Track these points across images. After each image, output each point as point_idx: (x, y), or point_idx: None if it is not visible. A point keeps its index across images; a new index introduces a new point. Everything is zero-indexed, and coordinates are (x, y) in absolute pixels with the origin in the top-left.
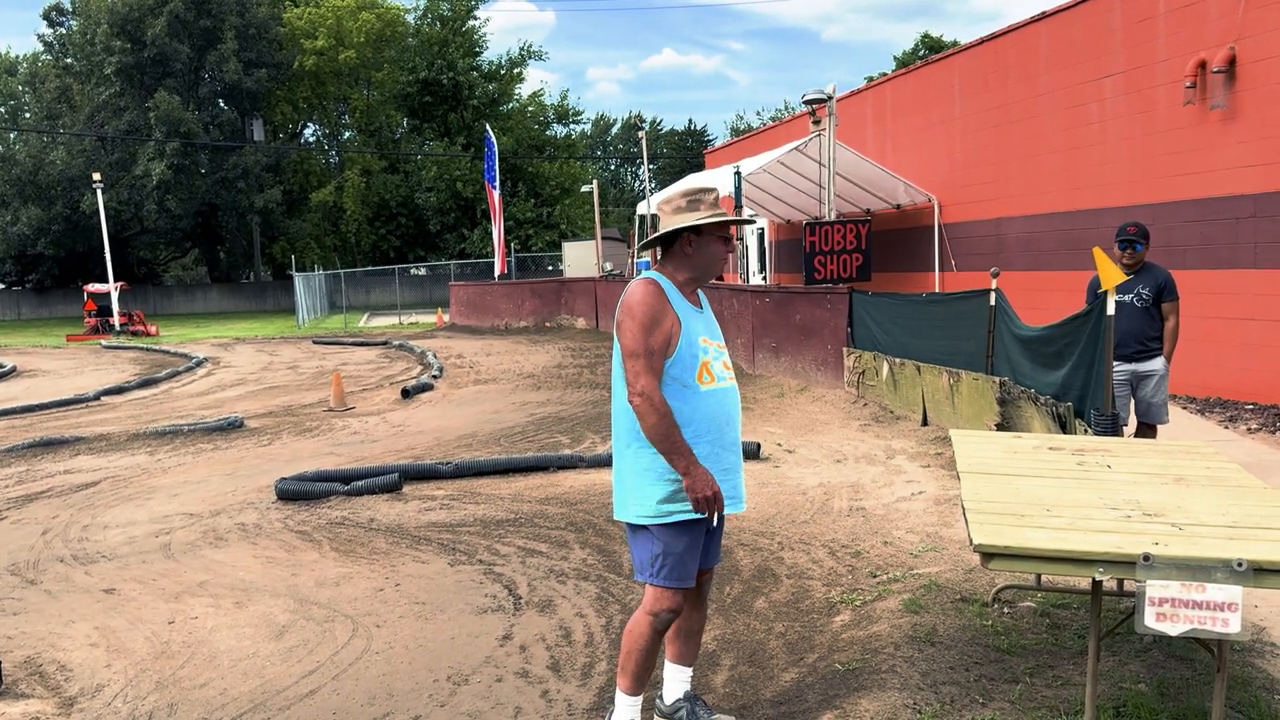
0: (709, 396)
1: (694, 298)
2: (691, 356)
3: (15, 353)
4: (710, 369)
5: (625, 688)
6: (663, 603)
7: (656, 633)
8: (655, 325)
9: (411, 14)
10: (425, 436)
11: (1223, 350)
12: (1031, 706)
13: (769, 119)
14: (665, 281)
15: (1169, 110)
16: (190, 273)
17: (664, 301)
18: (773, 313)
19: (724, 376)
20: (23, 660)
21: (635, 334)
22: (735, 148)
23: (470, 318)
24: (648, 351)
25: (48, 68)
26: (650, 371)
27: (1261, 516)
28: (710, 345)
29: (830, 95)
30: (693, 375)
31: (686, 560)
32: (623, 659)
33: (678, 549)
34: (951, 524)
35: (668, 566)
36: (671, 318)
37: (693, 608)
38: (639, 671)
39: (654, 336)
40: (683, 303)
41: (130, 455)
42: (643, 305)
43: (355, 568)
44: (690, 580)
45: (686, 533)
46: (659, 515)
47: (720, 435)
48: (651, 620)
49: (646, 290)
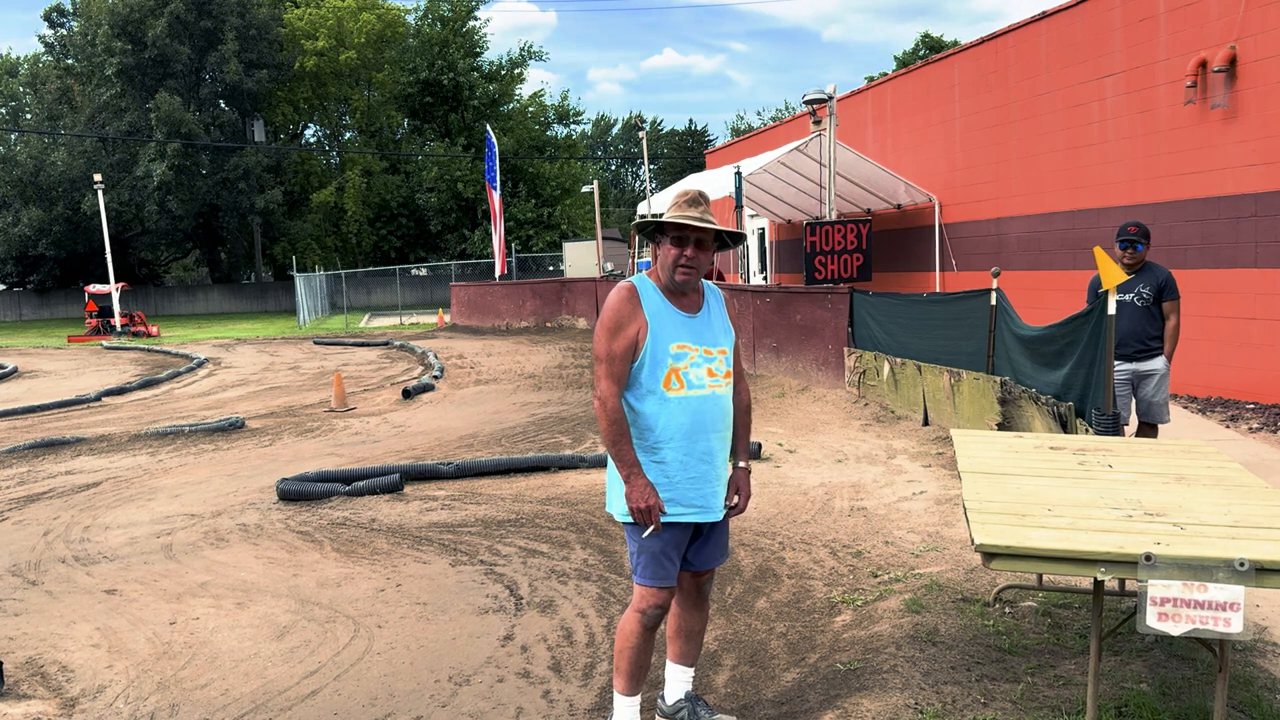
0: (677, 404)
1: (687, 301)
2: (657, 362)
3: (16, 353)
4: (682, 375)
5: (621, 687)
6: (646, 600)
7: (645, 630)
8: (619, 330)
9: (412, 14)
10: (426, 437)
11: (1224, 349)
12: (1033, 706)
13: (769, 119)
14: (646, 284)
15: (1170, 110)
16: (191, 273)
17: (633, 306)
18: (773, 313)
19: (702, 384)
20: (24, 661)
21: (599, 338)
22: (736, 148)
23: (471, 318)
24: (609, 356)
25: (49, 69)
26: (610, 376)
27: (1263, 516)
28: (692, 351)
29: (831, 95)
30: (658, 381)
31: (663, 559)
32: (616, 658)
33: (653, 548)
34: (953, 524)
35: (643, 564)
36: (639, 322)
37: (694, 608)
38: (632, 670)
39: (616, 341)
40: (662, 306)
41: (132, 456)
42: (608, 310)
43: (356, 568)
44: (669, 579)
45: (658, 537)
46: (627, 515)
47: (690, 444)
48: (639, 617)
49: (617, 294)
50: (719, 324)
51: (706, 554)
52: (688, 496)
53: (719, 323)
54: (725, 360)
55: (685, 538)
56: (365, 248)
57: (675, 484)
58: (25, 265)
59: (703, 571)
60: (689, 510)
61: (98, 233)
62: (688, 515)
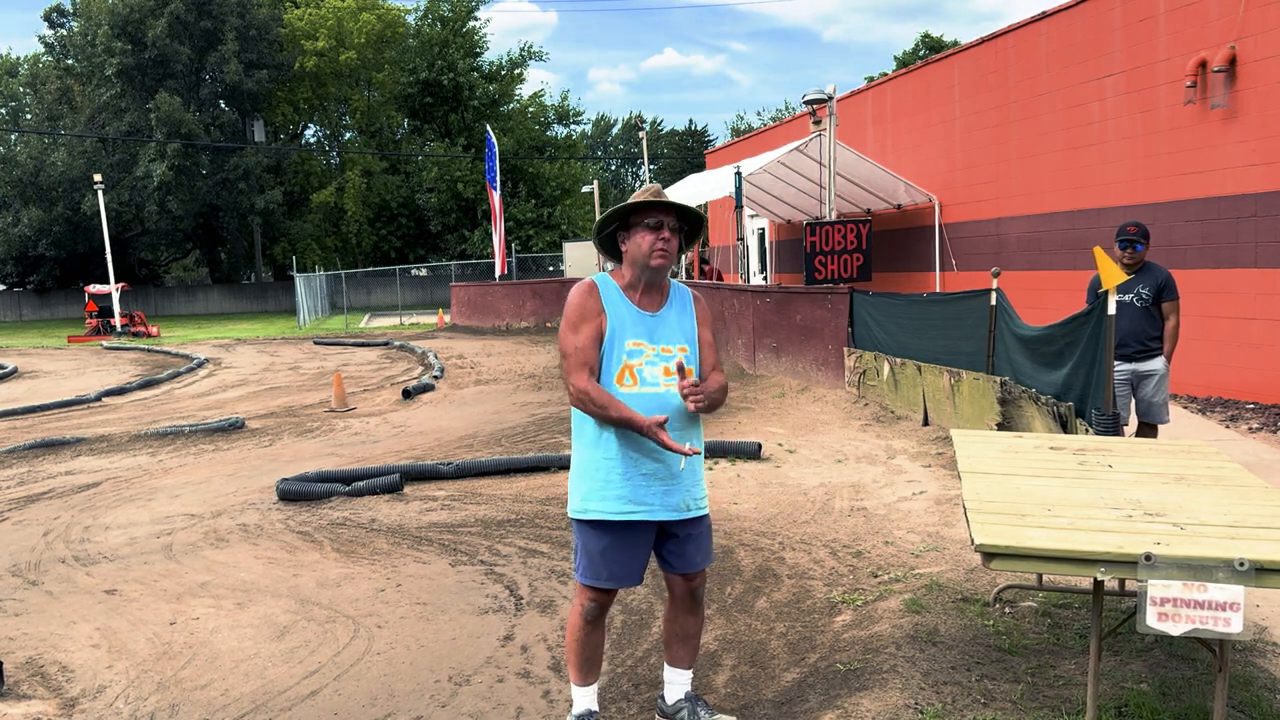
0: (628, 399)
1: (648, 299)
2: (613, 357)
3: (16, 354)
4: (636, 372)
5: (573, 678)
6: (583, 595)
7: (586, 623)
8: (582, 322)
9: (412, 15)
10: (426, 437)
11: (1224, 350)
12: (1033, 706)
13: (770, 119)
14: (606, 281)
15: (1170, 110)
16: (191, 274)
17: (593, 299)
18: (773, 313)
19: (656, 382)
20: (24, 661)
21: (564, 334)
22: (736, 148)
23: (471, 318)
24: (575, 349)
25: (49, 69)
26: (582, 366)
27: (1263, 516)
28: (648, 349)
29: (831, 95)
30: (612, 375)
31: (600, 561)
32: (566, 651)
33: (593, 547)
34: (953, 524)
35: (582, 562)
36: (601, 316)
37: (687, 612)
38: (578, 661)
39: (580, 333)
40: (621, 302)
41: (132, 456)
42: (570, 305)
43: (356, 568)
44: (603, 581)
45: (603, 534)
46: (577, 511)
47: (639, 441)
48: (579, 611)
49: (577, 289)
50: (680, 322)
51: (687, 556)
52: (639, 494)
53: (680, 321)
54: (686, 358)
55: (642, 539)
56: (365, 248)
57: (626, 480)
58: (25, 265)
59: (690, 575)
60: (640, 508)
61: (98, 233)
62: (639, 513)
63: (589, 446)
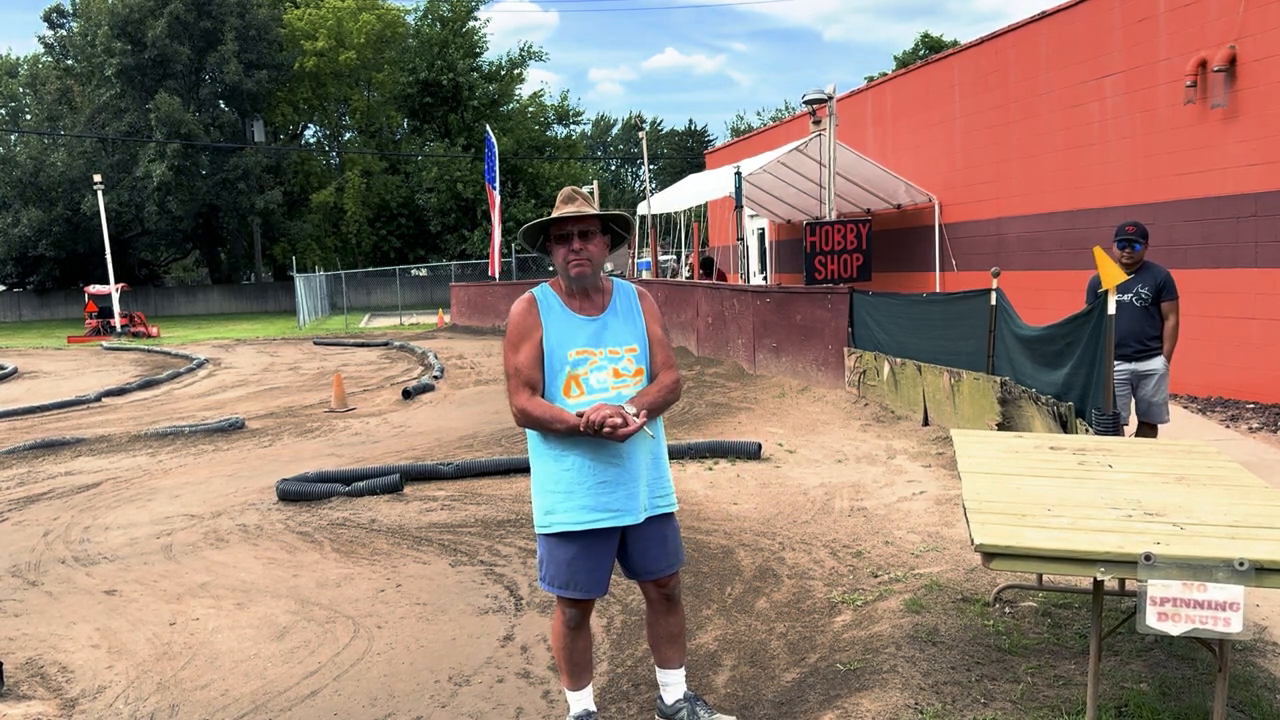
0: (576, 410)
1: (588, 304)
2: (555, 371)
3: (16, 354)
4: (581, 381)
5: (564, 683)
6: (562, 604)
7: (568, 629)
8: (522, 340)
9: (412, 15)
10: (426, 437)
11: (1223, 349)
12: (1033, 706)
13: (769, 119)
14: (547, 293)
15: (1169, 109)
16: (191, 274)
17: (531, 315)
18: (773, 313)
19: (605, 386)
20: (24, 661)
21: (506, 353)
22: (736, 148)
23: (471, 318)
24: (514, 370)
25: (48, 69)
26: (524, 386)
27: (1263, 516)
28: (594, 355)
29: (830, 95)
30: (558, 388)
31: (566, 570)
32: (555, 659)
33: (558, 558)
34: (953, 524)
35: (549, 573)
36: (539, 332)
37: (666, 614)
38: (568, 667)
39: (520, 353)
40: (560, 312)
41: (131, 456)
42: (510, 324)
43: (356, 569)
44: (568, 590)
45: (568, 545)
46: (543, 526)
47: (596, 448)
48: (561, 619)
49: (517, 307)
50: (626, 322)
51: (652, 560)
52: (600, 501)
53: (627, 321)
54: (636, 358)
55: (605, 545)
56: (365, 248)
57: (584, 489)
58: (25, 266)
59: (662, 578)
60: (602, 516)
61: (97, 233)
62: (600, 521)
63: (546, 460)
